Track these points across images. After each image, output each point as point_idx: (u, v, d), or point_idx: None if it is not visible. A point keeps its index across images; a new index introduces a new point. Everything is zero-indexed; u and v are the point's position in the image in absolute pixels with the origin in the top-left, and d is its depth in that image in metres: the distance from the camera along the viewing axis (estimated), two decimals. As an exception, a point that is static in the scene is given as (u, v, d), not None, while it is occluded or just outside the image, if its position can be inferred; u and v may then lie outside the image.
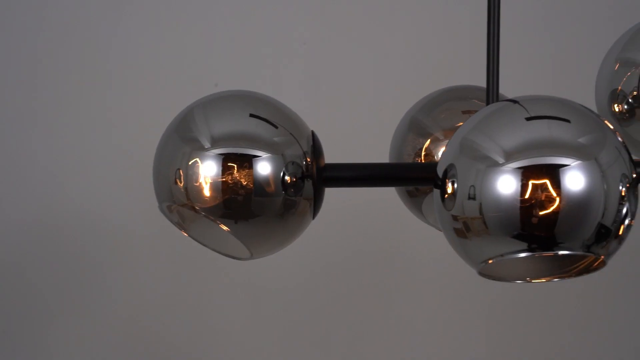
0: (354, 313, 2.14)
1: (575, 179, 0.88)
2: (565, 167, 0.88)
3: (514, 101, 0.94)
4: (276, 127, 0.98)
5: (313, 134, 1.01)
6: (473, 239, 0.90)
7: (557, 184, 0.87)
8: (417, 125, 1.18)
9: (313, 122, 1.32)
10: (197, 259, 2.05)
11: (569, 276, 0.96)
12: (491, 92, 1.02)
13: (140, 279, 2.08)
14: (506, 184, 0.88)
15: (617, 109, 1.16)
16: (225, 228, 0.98)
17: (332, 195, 1.11)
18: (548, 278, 0.97)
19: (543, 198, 0.87)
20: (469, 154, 0.91)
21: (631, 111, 1.15)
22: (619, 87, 1.15)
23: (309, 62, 2.11)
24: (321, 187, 1.00)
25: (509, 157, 0.89)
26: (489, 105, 0.97)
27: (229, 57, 2.10)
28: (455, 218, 0.91)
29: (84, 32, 2.08)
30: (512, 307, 2.14)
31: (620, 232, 0.89)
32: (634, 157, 1.06)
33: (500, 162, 0.89)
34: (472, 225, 0.89)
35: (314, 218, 1.01)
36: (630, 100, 1.14)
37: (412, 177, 1.06)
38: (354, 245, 2.16)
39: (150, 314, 2.09)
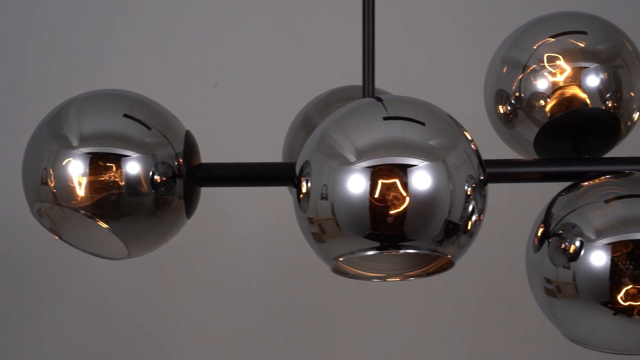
0: (321, 312, 2.15)
1: (422, 179, 0.90)
2: (414, 168, 0.90)
3: (378, 99, 0.96)
4: (149, 128, 1.00)
5: (188, 134, 1.03)
6: (329, 241, 0.93)
7: (405, 184, 0.89)
8: (308, 123, 1.20)
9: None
10: (160, 257, 2.06)
11: (421, 275, 0.98)
12: (366, 89, 1.03)
13: (101, 278, 2.08)
14: (356, 183, 0.90)
15: (502, 110, 1.16)
16: (104, 225, 1.00)
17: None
18: (402, 277, 0.99)
19: (392, 197, 0.89)
20: (324, 150, 0.93)
21: (514, 112, 1.14)
22: (503, 88, 1.15)
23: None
24: (194, 186, 1.02)
25: (361, 155, 0.91)
26: (355, 102, 0.99)
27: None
28: (311, 221, 0.93)
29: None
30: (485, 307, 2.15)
31: (469, 227, 0.93)
32: (526, 158, 1.15)
33: (352, 161, 0.91)
34: (326, 227, 0.92)
35: (189, 217, 1.03)
36: (513, 101, 1.14)
37: (290, 177, 1.08)
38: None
39: (111, 314, 2.10)
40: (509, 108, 1.14)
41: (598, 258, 0.97)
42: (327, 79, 2.22)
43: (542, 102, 1.11)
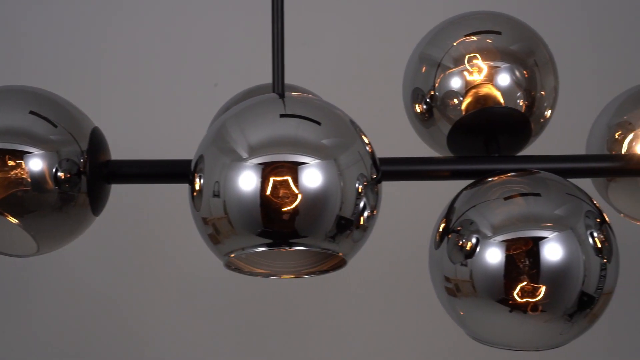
0: (289, 311, 2.15)
1: (313, 177, 0.92)
2: (305, 165, 0.91)
3: (281, 96, 0.97)
4: (55, 126, 1.01)
5: (94, 131, 1.04)
6: (223, 241, 0.93)
7: (296, 181, 0.90)
8: None
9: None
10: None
11: (315, 273, 0.99)
12: (276, 85, 1.04)
13: (68, 276, 2.09)
14: (248, 180, 0.91)
15: (418, 109, 1.17)
16: (14, 221, 1.01)
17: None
18: (297, 274, 1.00)
19: (283, 194, 0.91)
20: (219, 145, 0.94)
21: (430, 111, 1.15)
22: (419, 87, 1.15)
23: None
24: (101, 184, 1.03)
25: (253, 152, 0.92)
26: (259, 96, 1.00)
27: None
28: (205, 221, 0.93)
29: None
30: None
31: (362, 222, 0.94)
32: (436, 156, 1.16)
33: (244, 157, 0.92)
34: (220, 226, 0.92)
35: (97, 213, 1.04)
36: (428, 100, 1.15)
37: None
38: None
39: (78, 310, 2.10)
40: (424, 107, 1.14)
41: (493, 255, 0.98)
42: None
43: (456, 101, 1.12)
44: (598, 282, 0.98)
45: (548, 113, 1.16)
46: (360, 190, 0.93)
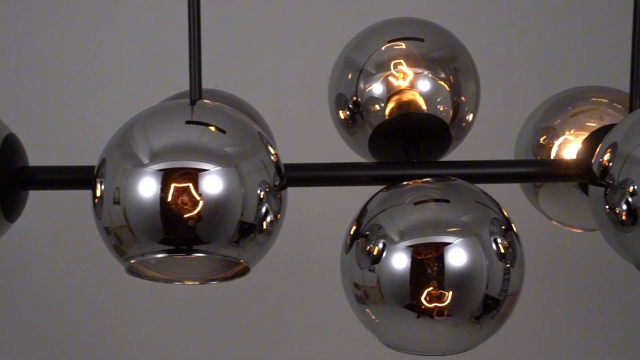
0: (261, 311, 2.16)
1: (214, 184, 0.93)
2: (205, 172, 0.92)
3: (192, 102, 0.98)
4: None
5: (9, 137, 1.04)
6: (127, 250, 0.94)
7: (197, 188, 0.91)
8: None
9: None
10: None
11: (220, 280, 1.00)
12: (193, 91, 1.04)
13: (40, 279, 2.10)
14: (148, 187, 0.92)
15: (342, 116, 1.17)
16: None
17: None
18: (202, 281, 1.01)
19: (184, 201, 0.91)
20: (123, 148, 0.94)
21: (353, 117, 1.16)
22: (343, 92, 1.16)
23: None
24: (15, 190, 1.04)
25: (155, 158, 0.92)
26: (170, 101, 1.01)
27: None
28: (107, 231, 0.94)
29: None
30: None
31: (265, 227, 0.96)
32: (356, 162, 1.15)
33: (145, 163, 0.92)
34: (122, 235, 0.93)
35: (11, 220, 1.04)
36: (351, 106, 1.15)
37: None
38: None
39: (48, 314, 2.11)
40: (348, 113, 1.15)
41: (399, 260, 0.98)
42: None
43: (377, 107, 1.13)
44: (502, 285, 0.99)
45: (470, 117, 1.17)
46: (262, 196, 0.94)
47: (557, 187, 1.22)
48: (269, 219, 0.95)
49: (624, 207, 0.96)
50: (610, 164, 0.99)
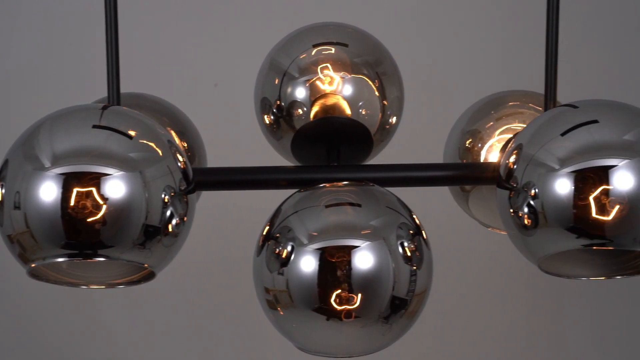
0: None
1: (117, 188, 0.94)
2: (108, 177, 0.93)
3: (105, 107, 0.99)
4: None
5: None
6: (30, 256, 0.94)
7: (100, 192, 0.92)
8: None
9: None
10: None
11: (125, 284, 1.01)
12: (111, 96, 1.06)
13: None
14: (50, 191, 0.91)
15: (267, 120, 1.17)
16: None
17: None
18: (108, 285, 1.02)
19: (87, 205, 0.92)
20: (26, 150, 0.94)
21: (277, 122, 1.15)
22: (267, 97, 1.16)
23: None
24: None
25: (57, 161, 0.92)
26: (83, 104, 1.01)
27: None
28: (10, 239, 0.93)
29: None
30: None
31: (171, 229, 0.97)
32: (278, 165, 1.14)
33: (47, 166, 0.92)
34: (24, 241, 0.92)
35: None
36: (275, 110, 1.15)
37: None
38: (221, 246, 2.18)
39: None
40: (272, 117, 1.15)
41: (307, 263, 0.99)
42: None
43: (300, 111, 1.13)
44: (409, 286, 1.00)
45: (393, 120, 1.17)
46: (167, 200, 0.96)
47: (482, 191, 1.22)
48: (174, 222, 0.96)
49: (526, 210, 0.97)
50: (515, 167, 0.99)
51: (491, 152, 1.26)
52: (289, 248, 1.00)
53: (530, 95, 1.25)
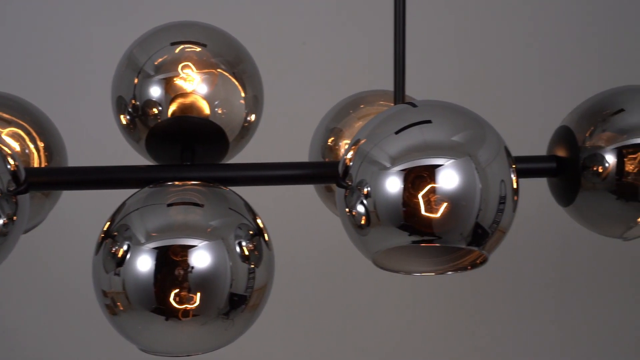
0: None
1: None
2: None
3: None
4: None
5: None
6: None
7: None
8: None
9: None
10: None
11: None
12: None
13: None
14: None
15: (123, 121, 1.14)
16: None
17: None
18: None
19: None
20: None
21: (133, 121, 1.13)
22: (123, 95, 1.13)
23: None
24: None
25: None
26: None
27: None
28: None
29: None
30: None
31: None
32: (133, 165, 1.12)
33: None
34: None
35: None
36: (130, 110, 1.13)
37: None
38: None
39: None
40: (128, 117, 1.14)
41: (144, 263, 0.99)
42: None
43: (155, 110, 1.12)
44: (247, 283, 1.01)
45: (252, 118, 1.17)
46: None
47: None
48: (1, 221, 0.96)
49: (360, 209, 0.98)
50: (351, 164, 1.00)
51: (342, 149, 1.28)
52: (125, 247, 0.99)
53: (389, 95, 1.26)
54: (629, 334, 2.36)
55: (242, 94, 1.16)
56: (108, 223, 1.03)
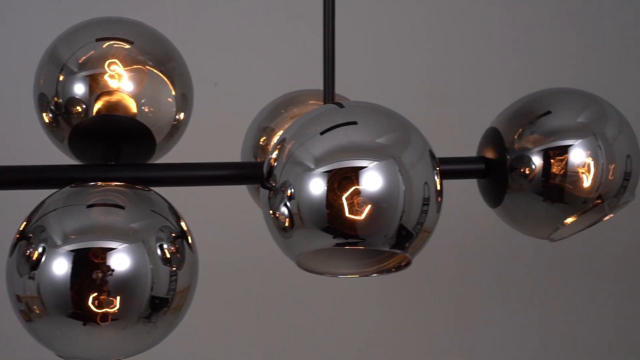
0: None
1: None
2: None
3: None
4: None
5: None
6: None
7: None
8: None
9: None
10: None
11: None
12: None
13: None
14: None
15: (46, 119, 1.11)
16: None
17: None
18: None
19: None
20: None
21: (56, 120, 1.10)
22: (45, 92, 1.10)
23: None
24: None
25: None
26: None
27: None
28: None
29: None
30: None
31: None
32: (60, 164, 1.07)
33: None
34: None
35: None
36: (53, 107, 1.09)
37: None
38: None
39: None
40: (51, 115, 1.10)
41: (60, 266, 0.95)
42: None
43: (79, 109, 1.09)
44: (169, 285, 0.99)
45: (181, 116, 1.15)
46: None
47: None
48: None
49: (284, 211, 0.96)
50: (276, 164, 0.97)
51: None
52: (40, 249, 0.96)
53: (322, 95, 1.24)
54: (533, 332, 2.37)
55: (172, 92, 1.13)
56: (24, 223, 0.99)
